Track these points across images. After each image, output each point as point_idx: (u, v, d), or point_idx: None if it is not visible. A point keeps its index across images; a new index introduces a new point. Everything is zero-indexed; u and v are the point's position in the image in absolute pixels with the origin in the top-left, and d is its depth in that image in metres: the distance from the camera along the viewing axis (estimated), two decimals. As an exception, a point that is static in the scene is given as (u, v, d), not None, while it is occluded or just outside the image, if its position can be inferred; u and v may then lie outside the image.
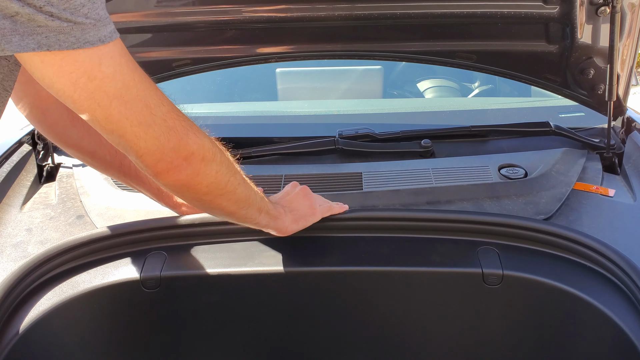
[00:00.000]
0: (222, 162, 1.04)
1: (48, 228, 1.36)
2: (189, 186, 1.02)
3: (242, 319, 1.33)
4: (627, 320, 1.11)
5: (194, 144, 0.97)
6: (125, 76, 0.88)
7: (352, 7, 1.57)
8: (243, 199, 1.11)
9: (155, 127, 0.93)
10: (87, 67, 0.84)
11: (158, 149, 0.94)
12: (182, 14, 1.61)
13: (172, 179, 0.99)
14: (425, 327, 1.34)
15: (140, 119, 0.91)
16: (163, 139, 0.94)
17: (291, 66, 2.31)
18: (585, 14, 1.54)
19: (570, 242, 1.22)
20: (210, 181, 1.03)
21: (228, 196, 1.08)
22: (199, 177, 1.00)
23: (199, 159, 0.98)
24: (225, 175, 1.05)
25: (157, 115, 0.93)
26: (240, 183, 1.09)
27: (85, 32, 0.82)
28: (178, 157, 0.96)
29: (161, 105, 0.94)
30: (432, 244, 1.29)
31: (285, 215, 1.23)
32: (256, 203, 1.15)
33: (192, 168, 0.98)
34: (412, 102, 2.45)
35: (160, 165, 0.96)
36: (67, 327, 1.21)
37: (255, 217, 1.16)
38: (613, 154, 1.61)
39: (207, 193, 1.05)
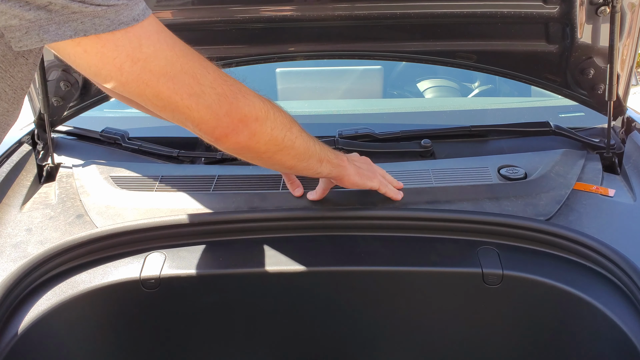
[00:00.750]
0: (276, 118, 1.05)
1: (48, 228, 1.36)
2: (248, 147, 1.04)
3: (242, 319, 1.33)
4: (627, 320, 1.11)
5: (245, 106, 0.99)
6: (166, 52, 0.90)
7: (352, 7, 1.56)
8: (302, 152, 1.13)
9: (205, 97, 0.95)
10: (129, 50, 0.86)
11: (212, 117, 0.96)
12: (182, 14, 1.61)
13: (231, 142, 1.01)
14: (425, 327, 1.34)
15: (189, 91, 0.93)
16: (215, 106, 0.96)
17: (291, 66, 2.31)
18: (585, 14, 1.54)
19: (570, 242, 1.22)
20: (267, 139, 1.05)
21: (287, 151, 1.10)
22: (255, 136, 1.03)
23: (253, 119, 1.01)
24: (281, 131, 1.07)
25: (205, 85, 0.94)
26: (297, 137, 1.11)
27: (119, 13, 0.83)
28: (233, 120, 0.98)
29: (207, 74, 0.95)
30: (432, 244, 1.29)
31: (349, 165, 1.24)
32: (316, 154, 1.16)
33: (248, 129, 1.01)
34: (412, 102, 2.45)
35: (218, 132, 0.99)
36: (67, 327, 1.21)
37: (316, 167, 1.18)
38: (613, 154, 1.61)
39: (266, 151, 1.08)
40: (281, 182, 1.47)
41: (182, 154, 1.68)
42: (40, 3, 0.78)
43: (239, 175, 1.51)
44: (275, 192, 1.43)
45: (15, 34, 0.80)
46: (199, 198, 1.42)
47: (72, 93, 1.72)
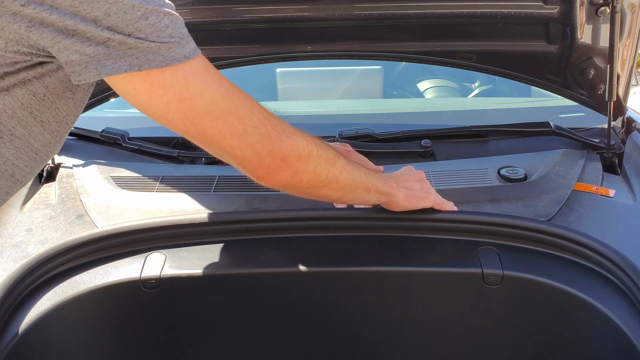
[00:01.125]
0: (319, 156, 1.07)
1: (48, 228, 1.36)
2: (291, 184, 1.06)
3: (242, 319, 1.33)
4: (627, 320, 1.11)
5: (287, 146, 1.01)
6: (212, 92, 0.93)
7: (352, 7, 1.57)
8: (347, 185, 1.13)
9: (248, 136, 0.97)
10: (176, 89, 0.89)
11: (254, 156, 0.98)
12: (182, 14, 1.60)
13: (274, 180, 1.03)
14: (425, 327, 1.34)
15: (232, 130, 0.95)
16: (258, 146, 0.98)
17: (291, 66, 2.31)
18: (585, 14, 1.54)
19: (570, 242, 1.22)
20: (309, 176, 1.06)
21: (331, 186, 1.11)
22: (298, 175, 1.04)
23: (295, 158, 1.02)
24: (325, 168, 1.08)
25: (249, 125, 0.96)
26: (342, 171, 1.11)
27: (172, 50, 0.87)
28: (275, 160, 1.00)
29: (251, 114, 0.97)
30: (432, 244, 1.29)
31: (397, 191, 1.23)
32: (362, 184, 1.16)
33: (291, 168, 1.02)
34: (412, 102, 2.45)
35: (260, 170, 1.01)
36: (67, 327, 1.21)
37: (363, 197, 1.19)
38: (613, 154, 1.61)
39: (309, 187, 1.09)
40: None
41: (182, 154, 1.68)
42: (100, 39, 0.83)
43: (240, 176, 1.51)
44: (276, 193, 1.43)
45: (75, 68, 0.85)
46: (200, 199, 1.42)
47: (73, 93, 1.72)
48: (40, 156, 1.00)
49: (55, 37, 0.82)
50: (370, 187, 1.18)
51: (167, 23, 0.86)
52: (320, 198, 1.16)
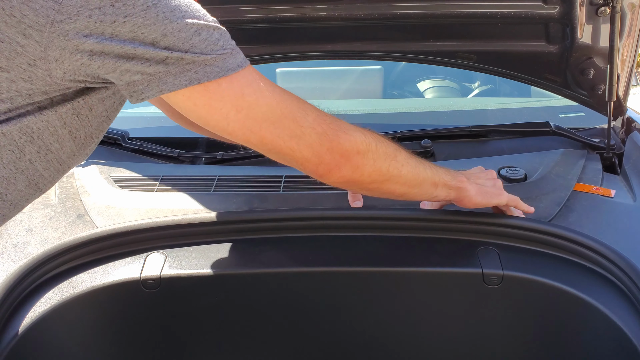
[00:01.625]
0: (378, 149, 1.07)
1: (48, 228, 1.36)
2: (353, 180, 1.07)
3: (242, 319, 1.33)
4: (627, 320, 1.11)
5: (345, 142, 1.02)
6: (267, 99, 0.95)
7: (352, 7, 1.57)
8: (411, 179, 1.12)
9: (306, 137, 0.99)
10: (233, 100, 0.92)
11: (314, 155, 1.01)
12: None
13: (336, 177, 1.04)
14: (425, 327, 1.34)
15: (290, 133, 0.98)
16: (316, 145, 1.00)
17: (291, 66, 2.31)
18: (585, 14, 1.54)
19: (570, 242, 1.22)
20: (370, 170, 1.07)
21: (394, 180, 1.10)
22: (359, 169, 1.05)
23: (354, 152, 1.03)
24: (385, 161, 1.08)
25: (306, 126, 0.99)
26: (404, 164, 1.11)
27: (226, 61, 0.90)
28: (335, 157, 1.02)
29: (306, 115, 1.00)
30: (432, 244, 1.29)
31: (469, 185, 1.21)
32: (429, 178, 1.15)
33: (351, 163, 1.03)
34: (412, 102, 2.45)
35: (322, 169, 1.03)
36: (67, 327, 1.21)
37: (431, 192, 1.17)
38: (613, 154, 1.61)
39: (372, 182, 1.09)
40: (282, 183, 1.47)
41: (182, 154, 1.68)
42: (159, 58, 0.86)
43: (240, 176, 1.51)
44: (276, 193, 1.43)
45: (137, 87, 0.89)
46: (200, 199, 1.42)
47: (73, 93, 1.72)
48: (63, 167, 1.02)
49: (115, 62, 0.85)
50: (438, 181, 1.16)
51: (217, 37, 0.89)
52: (384, 194, 1.15)
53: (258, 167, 1.59)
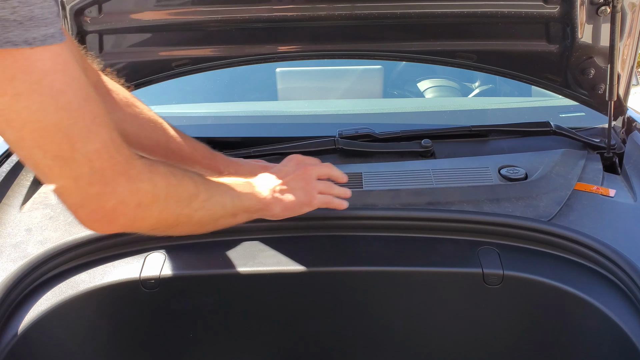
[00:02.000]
0: (170, 198, 0.92)
1: (48, 228, 1.36)
2: (127, 230, 0.90)
3: (241, 319, 1.33)
4: (627, 320, 1.11)
5: (124, 192, 0.83)
6: (44, 97, 0.74)
7: (352, 7, 1.56)
8: (205, 221, 1.02)
9: (74, 166, 0.78)
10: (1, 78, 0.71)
11: (76, 192, 0.81)
12: (182, 13, 1.61)
13: (104, 229, 0.87)
14: (426, 327, 1.34)
15: (55, 151, 0.77)
16: (83, 181, 0.80)
17: (291, 66, 2.31)
18: (585, 14, 1.53)
19: (570, 242, 1.22)
20: (153, 222, 0.93)
21: (182, 226, 0.99)
22: (137, 222, 0.90)
23: (133, 206, 0.86)
24: (174, 211, 0.94)
25: (80, 152, 0.78)
26: (198, 209, 0.98)
27: (8, 29, 0.69)
28: (103, 206, 0.83)
29: (89, 141, 0.79)
30: (432, 244, 1.28)
31: (274, 205, 1.14)
32: (227, 213, 1.05)
33: (125, 218, 0.86)
34: (412, 102, 2.45)
35: (83, 213, 0.83)
36: (67, 327, 1.21)
37: (229, 222, 1.09)
38: (613, 154, 1.61)
39: (154, 230, 0.97)
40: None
41: (182, 154, 1.68)
42: None
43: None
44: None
45: None
46: None
47: (72, 93, 1.72)
48: None
49: None
50: (238, 211, 1.08)
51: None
52: (172, 234, 1.06)
53: (258, 167, 1.59)
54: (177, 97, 2.33)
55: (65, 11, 1.55)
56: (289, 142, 1.68)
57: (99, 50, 1.67)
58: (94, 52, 1.68)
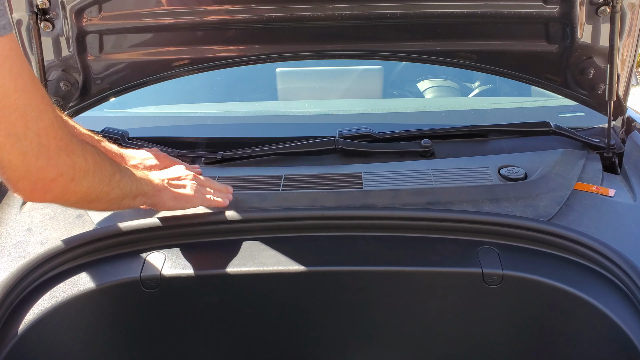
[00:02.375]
0: (96, 174, 1.01)
1: (48, 228, 1.36)
2: (55, 202, 1.01)
3: (241, 318, 1.33)
4: (627, 320, 1.11)
5: (64, 165, 0.93)
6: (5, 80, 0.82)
7: (352, 7, 1.57)
8: (115, 199, 1.11)
9: (25, 142, 0.87)
10: None
11: (22, 165, 0.88)
12: (182, 13, 1.61)
13: (36, 198, 0.96)
14: (425, 327, 1.34)
15: (10, 129, 0.85)
16: (31, 155, 0.88)
17: (291, 66, 2.31)
18: (585, 14, 1.54)
19: (570, 242, 1.22)
20: (80, 196, 1.01)
21: (98, 201, 1.07)
22: (67, 195, 0.98)
23: (68, 179, 0.95)
24: (99, 186, 1.03)
25: (31, 130, 0.87)
26: (114, 187, 1.08)
27: None
28: (44, 177, 0.91)
29: (40, 119, 0.88)
30: (432, 243, 1.29)
31: (164, 192, 1.24)
32: (131, 193, 1.15)
33: (60, 189, 0.95)
34: (412, 102, 2.45)
35: (23, 184, 0.91)
36: (67, 327, 1.21)
37: (129, 203, 1.18)
38: (613, 154, 1.61)
39: (76, 203, 1.05)
40: (281, 183, 1.47)
41: (182, 153, 1.68)
42: None
43: (239, 176, 1.51)
44: (275, 192, 1.43)
45: None
46: None
47: (72, 93, 1.72)
48: None
49: None
50: (138, 193, 1.17)
51: None
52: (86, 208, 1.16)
53: (257, 167, 1.59)
54: (177, 97, 2.33)
55: (65, 11, 1.55)
56: (289, 142, 1.68)
57: (99, 50, 1.67)
58: (94, 52, 1.68)
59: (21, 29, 1.60)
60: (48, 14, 1.57)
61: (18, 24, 1.60)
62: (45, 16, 1.56)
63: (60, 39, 1.62)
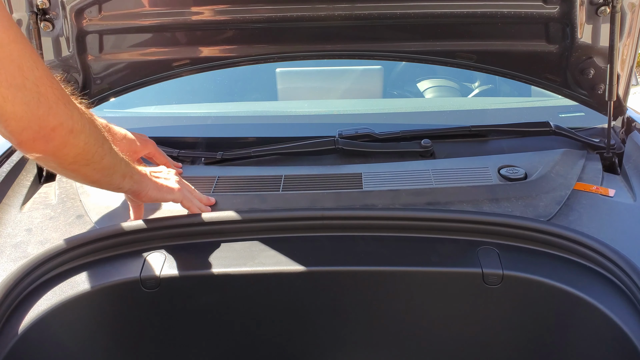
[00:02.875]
0: (92, 132, 1.03)
1: (48, 228, 1.36)
2: (55, 156, 1.00)
3: (241, 318, 1.33)
4: (627, 320, 1.11)
5: (63, 114, 0.95)
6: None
7: (352, 7, 1.57)
8: (108, 167, 1.11)
9: (26, 92, 0.89)
10: None
11: (25, 115, 0.90)
12: (181, 14, 1.61)
13: (38, 149, 0.96)
14: (425, 327, 1.34)
15: (10, 80, 0.87)
16: (33, 104, 0.90)
17: (291, 66, 2.31)
18: (585, 14, 1.54)
19: (570, 242, 1.22)
20: (77, 152, 1.02)
21: (94, 165, 1.07)
22: (66, 148, 0.99)
23: (68, 130, 0.97)
24: (94, 146, 1.04)
25: (29, 79, 0.89)
26: (107, 152, 1.09)
27: None
28: (46, 126, 0.93)
29: (35, 69, 0.90)
30: (432, 244, 1.29)
31: (148, 180, 1.25)
32: (121, 169, 1.16)
33: (60, 139, 0.97)
34: (412, 102, 2.45)
35: (26, 134, 0.93)
36: (67, 327, 1.21)
37: (119, 182, 1.18)
38: (613, 154, 1.61)
39: (73, 163, 1.04)
40: (281, 183, 1.47)
41: (182, 153, 1.68)
42: None
43: (239, 177, 1.51)
44: (275, 193, 1.43)
45: None
46: None
47: (72, 93, 1.72)
48: None
49: None
50: (127, 173, 1.18)
51: None
52: (77, 177, 1.14)
53: (257, 167, 1.59)
54: (178, 97, 2.33)
55: (65, 11, 1.56)
56: (289, 142, 1.68)
57: (99, 50, 1.68)
58: (94, 52, 1.68)
59: (21, 29, 1.60)
60: (48, 14, 1.57)
61: (18, 24, 1.60)
62: (45, 16, 1.57)
63: (60, 39, 1.63)
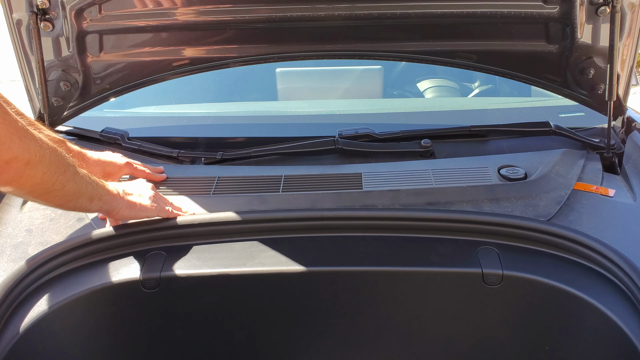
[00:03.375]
0: (51, 163, 1.03)
1: (48, 229, 1.36)
2: (12, 186, 1.01)
3: (241, 318, 1.33)
4: (627, 320, 1.11)
5: (17, 148, 0.95)
6: None
7: (352, 7, 1.57)
8: (72, 193, 1.11)
9: None
10: None
11: None
12: (181, 14, 1.61)
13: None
14: (425, 327, 1.34)
15: None
16: None
17: (291, 66, 2.31)
18: (585, 14, 1.54)
19: (570, 242, 1.22)
20: (35, 182, 1.01)
21: (54, 193, 1.07)
22: (22, 179, 0.99)
23: (23, 162, 0.97)
24: (53, 176, 1.04)
25: None
26: (70, 180, 1.08)
27: None
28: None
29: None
30: (432, 244, 1.29)
31: (120, 200, 1.24)
32: (87, 193, 1.15)
33: (15, 171, 0.97)
34: (412, 102, 2.45)
35: None
36: (67, 327, 1.21)
37: (86, 205, 1.17)
38: (613, 154, 1.61)
39: (32, 192, 1.05)
40: (281, 184, 1.47)
41: (181, 153, 1.68)
42: None
43: (239, 177, 1.51)
44: (276, 194, 1.43)
45: None
46: (199, 199, 1.42)
47: (72, 93, 1.72)
48: None
49: None
50: (94, 196, 1.17)
51: None
52: (41, 202, 1.14)
53: (257, 167, 1.59)
54: (177, 97, 2.33)
55: (65, 11, 1.56)
56: (289, 142, 1.68)
57: (98, 51, 1.68)
58: (94, 52, 1.68)
59: (21, 29, 1.60)
60: (48, 14, 1.57)
61: (18, 24, 1.60)
62: (45, 16, 1.57)
63: (60, 39, 1.63)
